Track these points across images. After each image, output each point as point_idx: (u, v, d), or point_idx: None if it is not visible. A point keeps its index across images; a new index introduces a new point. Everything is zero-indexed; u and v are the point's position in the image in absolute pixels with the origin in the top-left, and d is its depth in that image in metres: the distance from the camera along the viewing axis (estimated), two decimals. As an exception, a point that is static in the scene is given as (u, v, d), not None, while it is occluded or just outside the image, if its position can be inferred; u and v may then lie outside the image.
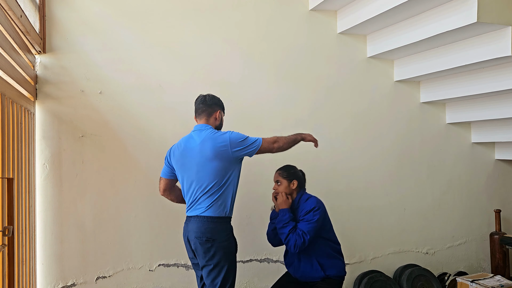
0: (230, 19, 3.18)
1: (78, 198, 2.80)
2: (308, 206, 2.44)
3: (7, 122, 1.98)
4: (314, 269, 2.47)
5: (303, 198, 2.52)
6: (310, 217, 2.40)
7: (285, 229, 2.40)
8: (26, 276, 2.36)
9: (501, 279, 3.19)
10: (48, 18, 2.76)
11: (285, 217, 2.43)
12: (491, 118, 3.52)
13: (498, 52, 2.77)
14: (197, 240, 2.24)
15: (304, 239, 2.34)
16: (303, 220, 2.42)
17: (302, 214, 2.44)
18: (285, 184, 2.52)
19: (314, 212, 2.41)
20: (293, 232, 2.38)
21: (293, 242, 2.36)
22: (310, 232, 2.36)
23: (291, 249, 2.39)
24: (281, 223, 2.43)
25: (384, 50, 3.40)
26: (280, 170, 2.58)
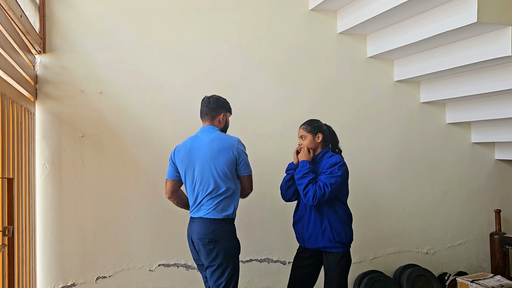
0: (230, 19, 3.18)
1: (78, 198, 2.80)
2: (332, 160, 2.39)
3: (7, 122, 1.98)
4: (323, 229, 2.39)
5: (327, 154, 2.47)
6: (335, 171, 2.33)
7: (304, 179, 2.33)
8: (26, 276, 2.36)
9: (501, 279, 3.19)
10: (48, 18, 2.76)
11: (305, 168, 2.36)
12: (491, 118, 3.52)
13: (498, 52, 2.77)
14: (199, 242, 2.24)
15: (325, 190, 2.27)
16: (325, 173, 2.34)
17: (326, 167, 2.36)
18: (309, 138, 2.46)
19: (339, 166, 2.35)
20: (313, 183, 2.31)
21: (312, 193, 2.28)
22: (332, 185, 2.29)
23: (309, 201, 2.30)
24: (300, 173, 2.36)
25: (384, 50, 3.40)
26: (304, 125, 2.51)
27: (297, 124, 2.90)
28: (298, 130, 2.53)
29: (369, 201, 3.58)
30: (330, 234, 2.38)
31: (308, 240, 2.45)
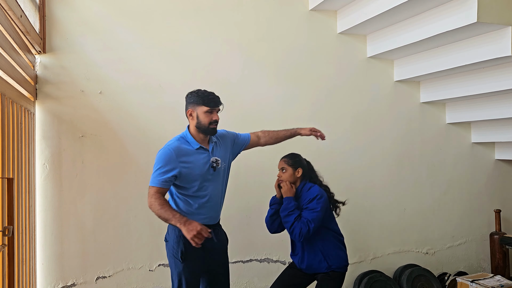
0: (230, 19, 3.18)
1: (78, 198, 2.80)
2: (311, 195, 2.43)
3: (7, 122, 1.98)
4: (318, 259, 2.47)
5: (306, 187, 2.51)
6: (314, 206, 2.39)
7: (290, 217, 2.39)
8: (26, 276, 2.36)
9: (501, 279, 3.19)
10: (48, 18, 2.76)
11: (290, 205, 2.42)
12: (491, 118, 3.52)
13: (498, 52, 2.77)
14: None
15: (309, 227, 2.34)
16: (307, 209, 2.41)
17: (305, 203, 2.43)
18: (290, 172, 2.51)
19: (317, 200, 2.40)
20: (298, 221, 2.37)
21: (298, 231, 2.35)
22: (314, 221, 2.35)
23: (296, 238, 2.39)
24: (286, 211, 2.42)
25: (384, 50, 3.40)
26: (286, 158, 2.56)
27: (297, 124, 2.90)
28: (279, 162, 2.56)
29: (369, 201, 3.58)
30: (325, 263, 2.46)
31: (306, 268, 2.53)
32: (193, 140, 2.24)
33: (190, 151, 2.21)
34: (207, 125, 2.21)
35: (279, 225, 2.56)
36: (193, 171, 2.19)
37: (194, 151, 2.22)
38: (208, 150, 2.28)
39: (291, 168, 2.51)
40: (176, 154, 2.15)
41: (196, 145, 2.23)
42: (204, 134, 2.25)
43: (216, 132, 2.28)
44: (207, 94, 2.22)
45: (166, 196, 2.20)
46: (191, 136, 2.25)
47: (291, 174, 2.50)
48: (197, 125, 2.22)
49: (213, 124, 2.22)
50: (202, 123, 2.21)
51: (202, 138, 2.27)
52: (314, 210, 2.38)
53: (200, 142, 2.25)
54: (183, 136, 2.26)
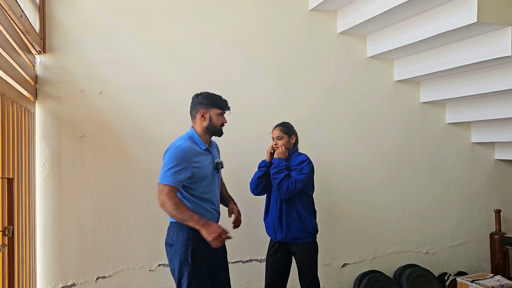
0: (230, 19, 3.18)
1: (78, 198, 2.80)
2: (300, 158, 2.65)
3: (7, 122, 1.98)
4: (292, 221, 2.62)
5: (296, 153, 2.73)
6: (303, 168, 2.59)
7: (280, 174, 2.58)
8: (26, 276, 2.36)
9: (501, 279, 3.19)
10: (48, 18, 2.76)
11: (281, 164, 2.61)
12: (491, 118, 3.52)
13: (498, 52, 2.77)
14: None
15: (296, 186, 2.54)
16: (295, 170, 2.61)
17: (294, 164, 2.63)
18: (285, 139, 2.70)
19: (307, 164, 2.62)
20: (287, 179, 2.56)
21: (285, 187, 2.54)
22: (302, 181, 2.55)
23: (282, 194, 2.56)
24: (276, 169, 2.60)
25: (384, 50, 3.40)
26: (281, 126, 2.73)
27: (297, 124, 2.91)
28: (273, 131, 2.74)
29: (369, 200, 3.58)
30: (298, 224, 2.62)
31: (279, 231, 2.66)
32: (201, 141, 2.26)
33: (199, 151, 2.22)
34: (219, 126, 2.28)
35: (263, 187, 2.73)
36: (202, 171, 2.20)
37: (201, 151, 2.24)
38: (211, 152, 2.31)
39: (286, 136, 2.70)
40: (190, 154, 2.15)
41: (204, 146, 2.26)
42: (212, 135, 2.32)
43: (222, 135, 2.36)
44: (219, 97, 2.30)
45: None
46: (198, 136, 2.27)
47: (287, 141, 2.70)
48: (208, 126, 2.25)
49: (222, 126, 2.31)
50: (215, 125, 2.26)
51: (206, 140, 2.31)
52: (302, 172, 2.58)
53: (205, 144, 2.29)
54: (190, 136, 2.26)
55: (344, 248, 3.51)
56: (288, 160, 2.70)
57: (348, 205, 3.52)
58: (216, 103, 2.26)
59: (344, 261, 3.50)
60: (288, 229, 2.62)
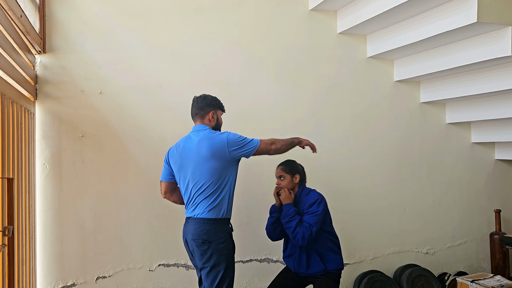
0: (230, 19, 3.18)
1: (78, 198, 2.80)
2: (311, 199, 2.49)
3: (7, 122, 1.98)
4: (314, 262, 2.51)
5: (304, 191, 2.57)
6: (315, 209, 2.45)
7: (291, 223, 2.43)
8: (26, 276, 2.36)
9: (501, 279, 3.19)
10: (48, 18, 2.76)
11: (290, 211, 2.46)
12: (491, 118, 3.52)
13: (498, 52, 2.77)
14: (193, 242, 2.24)
15: (311, 230, 2.39)
16: (307, 213, 2.46)
17: (306, 207, 2.48)
18: (288, 179, 2.56)
19: (318, 204, 2.47)
20: (300, 226, 2.42)
21: (301, 235, 2.39)
22: (316, 224, 2.41)
23: (299, 242, 2.41)
24: (287, 218, 2.46)
25: (384, 50, 3.40)
26: (283, 165, 2.61)
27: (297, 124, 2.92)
28: (276, 170, 2.63)
29: (369, 200, 3.58)
30: (322, 265, 2.51)
31: (298, 269, 2.57)
32: None
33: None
34: (221, 126, 2.47)
35: (280, 232, 2.60)
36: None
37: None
38: None
39: (289, 175, 2.57)
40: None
41: None
42: None
43: None
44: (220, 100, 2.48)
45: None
46: None
47: (290, 181, 2.56)
48: (215, 126, 2.41)
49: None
50: (220, 125, 2.46)
51: None
52: (315, 213, 2.43)
53: None
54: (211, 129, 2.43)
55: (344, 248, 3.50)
56: (298, 200, 2.56)
57: (348, 205, 3.52)
58: (220, 105, 2.46)
59: (344, 261, 3.49)
60: (310, 268, 2.52)
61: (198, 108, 2.39)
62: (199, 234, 2.22)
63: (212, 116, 2.39)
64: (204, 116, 2.39)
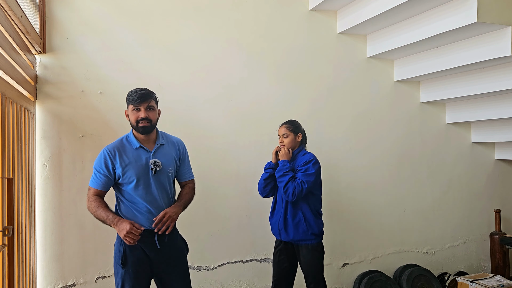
0: (230, 19, 3.18)
1: (78, 198, 2.80)
2: (306, 158, 2.57)
3: (7, 122, 1.98)
4: (297, 220, 2.57)
5: (301, 152, 2.66)
6: (309, 169, 2.53)
7: (285, 177, 2.52)
8: (26, 276, 2.36)
9: (501, 279, 3.19)
10: (48, 18, 2.76)
11: (285, 167, 2.55)
12: (491, 118, 3.52)
13: (498, 52, 2.77)
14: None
15: (302, 187, 2.47)
16: (301, 171, 2.54)
17: (300, 165, 2.56)
18: (291, 137, 2.64)
19: (313, 164, 2.54)
20: (292, 181, 2.50)
21: (292, 190, 2.48)
22: (308, 182, 2.49)
23: (289, 197, 2.50)
24: (281, 172, 2.55)
25: (384, 50, 3.40)
26: (287, 124, 2.67)
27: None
28: (279, 129, 2.68)
29: (369, 200, 3.58)
30: (304, 226, 2.56)
31: (283, 232, 2.61)
32: (134, 139, 2.18)
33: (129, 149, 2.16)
34: (135, 123, 2.13)
35: (271, 189, 2.69)
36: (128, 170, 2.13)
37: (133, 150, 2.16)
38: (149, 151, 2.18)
39: (293, 134, 2.64)
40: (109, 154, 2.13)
41: (136, 145, 2.17)
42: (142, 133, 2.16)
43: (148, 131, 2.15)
44: (132, 92, 2.14)
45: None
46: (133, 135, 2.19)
47: (292, 139, 2.64)
48: (131, 124, 2.16)
49: (141, 121, 2.11)
50: (132, 122, 2.14)
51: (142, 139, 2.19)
52: (309, 172, 2.52)
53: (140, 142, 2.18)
54: (127, 135, 2.21)
55: (344, 248, 3.51)
56: (293, 160, 2.63)
57: (348, 205, 3.52)
58: (128, 99, 2.15)
59: (344, 261, 3.50)
60: (292, 230, 2.57)
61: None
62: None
63: (127, 115, 2.18)
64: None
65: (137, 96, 2.10)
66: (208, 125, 3.09)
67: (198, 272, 3.06)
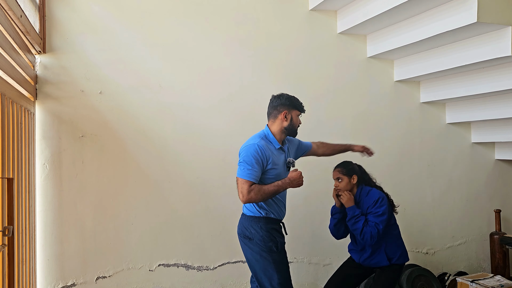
0: (230, 19, 3.18)
1: (78, 198, 2.80)
2: (371, 198, 2.55)
3: (7, 122, 1.98)
4: (380, 255, 2.57)
5: (364, 191, 2.62)
6: (378, 209, 2.51)
7: (358, 224, 2.50)
8: (26, 276, 2.36)
9: (501, 279, 3.19)
10: (48, 18, 2.76)
11: (356, 213, 2.52)
12: (491, 118, 3.52)
13: (498, 52, 2.77)
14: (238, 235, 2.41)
15: (378, 229, 2.46)
16: (371, 213, 2.52)
17: (368, 207, 2.54)
18: (346, 180, 2.61)
19: (380, 203, 2.52)
20: (366, 225, 2.49)
21: (369, 235, 2.46)
22: (382, 222, 2.48)
23: (368, 242, 2.49)
24: (353, 219, 2.52)
25: (384, 50, 3.40)
26: (340, 167, 2.66)
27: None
28: (333, 173, 2.68)
29: (369, 201, 3.58)
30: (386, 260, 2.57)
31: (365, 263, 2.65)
32: (275, 140, 2.38)
33: (272, 150, 2.34)
34: (296, 127, 2.42)
35: (344, 231, 2.70)
36: (275, 170, 2.32)
37: (276, 150, 2.37)
38: (285, 150, 2.44)
39: (346, 177, 2.61)
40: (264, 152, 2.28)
41: (278, 145, 2.39)
42: (288, 135, 2.44)
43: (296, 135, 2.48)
44: (298, 99, 2.43)
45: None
46: (273, 136, 2.38)
47: (347, 183, 2.61)
48: (288, 126, 2.37)
49: (298, 126, 2.45)
50: (294, 125, 2.40)
51: (281, 139, 2.43)
52: (378, 213, 2.50)
53: (279, 143, 2.40)
54: (265, 135, 2.38)
55: (344, 248, 3.50)
56: (358, 200, 2.60)
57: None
58: (296, 105, 2.39)
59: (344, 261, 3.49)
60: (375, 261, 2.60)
61: (270, 107, 2.40)
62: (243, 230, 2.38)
63: (284, 116, 2.36)
64: (276, 117, 2.38)
65: (303, 106, 2.44)
66: (208, 125, 3.10)
67: (198, 272, 3.06)
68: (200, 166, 3.07)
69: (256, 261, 2.30)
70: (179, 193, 3.02)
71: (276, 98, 2.39)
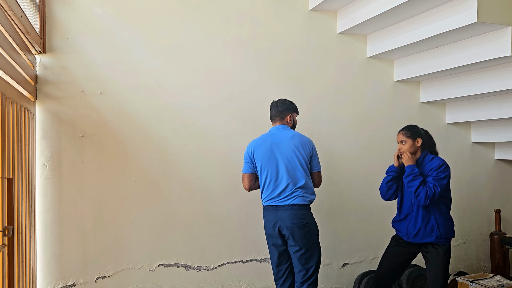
0: (230, 19, 3.18)
1: (78, 198, 2.80)
2: (434, 164, 2.55)
3: (7, 122, 1.98)
4: (430, 226, 2.56)
5: (428, 157, 2.62)
6: (441, 173, 2.51)
7: (415, 182, 2.50)
8: (26, 276, 2.36)
9: (501, 279, 3.19)
10: (48, 18, 2.76)
11: (415, 171, 2.52)
12: (491, 118, 3.52)
13: (498, 52, 2.77)
14: (295, 226, 2.50)
15: (435, 191, 2.45)
16: (432, 176, 2.51)
17: (432, 169, 2.53)
18: (410, 143, 2.62)
19: (444, 168, 2.53)
20: (424, 185, 2.48)
21: (424, 194, 2.46)
22: (441, 186, 2.47)
23: (421, 201, 2.48)
24: (410, 176, 2.53)
25: (384, 50, 3.41)
26: (404, 130, 2.68)
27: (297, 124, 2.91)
28: (397, 135, 2.71)
29: (369, 200, 3.57)
30: (437, 231, 2.55)
31: (414, 237, 2.61)
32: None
33: None
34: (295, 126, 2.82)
35: (394, 192, 2.72)
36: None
37: None
38: None
39: (410, 139, 2.62)
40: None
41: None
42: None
43: None
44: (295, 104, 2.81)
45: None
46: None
47: (411, 145, 2.62)
48: (292, 127, 2.77)
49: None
50: (295, 125, 2.81)
51: None
52: (441, 177, 2.50)
53: None
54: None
55: (344, 248, 3.51)
56: (420, 165, 2.60)
57: (348, 205, 3.52)
58: (296, 109, 2.80)
59: (344, 261, 3.50)
60: (425, 234, 2.57)
61: (278, 111, 2.72)
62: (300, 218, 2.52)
63: (289, 118, 2.74)
64: (283, 118, 2.73)
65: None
66: (208, 125, 3.10)
67: (198, 272, 3.06)
68: (200, 166, 3.07)
69: (317, 244, 2.57)
70: (179, 193, 3.02)
71: (281, 104, 2.73)
